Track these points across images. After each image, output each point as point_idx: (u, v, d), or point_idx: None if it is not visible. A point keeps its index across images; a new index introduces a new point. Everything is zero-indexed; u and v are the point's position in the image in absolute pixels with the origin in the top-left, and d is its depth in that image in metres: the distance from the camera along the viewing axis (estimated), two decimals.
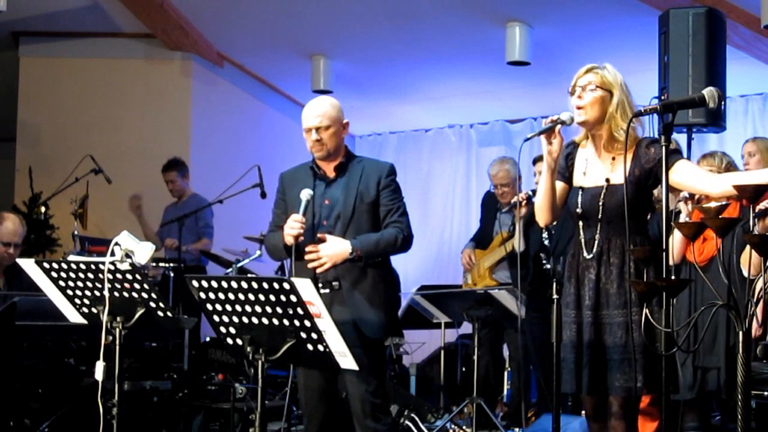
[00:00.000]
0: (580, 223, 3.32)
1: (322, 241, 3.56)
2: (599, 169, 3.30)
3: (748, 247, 3.28)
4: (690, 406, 4.38)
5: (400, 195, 3.73)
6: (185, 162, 7.20)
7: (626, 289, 3.16)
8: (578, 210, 3.31)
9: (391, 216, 3.65)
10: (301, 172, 3.78)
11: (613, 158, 3.29)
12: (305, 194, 3.55)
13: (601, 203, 3.25)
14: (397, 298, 3.83)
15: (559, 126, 3.26)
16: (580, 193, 3.32)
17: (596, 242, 3.26)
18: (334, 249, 3.53)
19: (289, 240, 3.53)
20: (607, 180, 3.26)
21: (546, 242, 5.25)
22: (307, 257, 3.55)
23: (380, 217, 3.66)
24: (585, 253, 3.28)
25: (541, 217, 3.38)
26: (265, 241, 3.88)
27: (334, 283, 3.60)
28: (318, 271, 3.54)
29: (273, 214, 3.84)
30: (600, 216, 3.25)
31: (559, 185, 3.38)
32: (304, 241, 3.56)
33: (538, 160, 5.32)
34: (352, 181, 3.66)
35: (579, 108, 3.29)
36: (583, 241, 3.31)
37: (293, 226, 3.52)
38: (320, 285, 3.59)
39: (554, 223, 3.93)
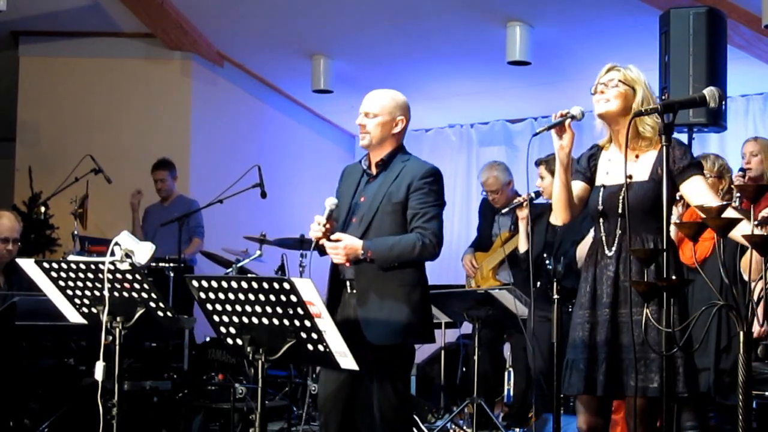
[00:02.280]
0: (601, 221, 3.29)
1: (338, 241, 3.48)
2: (621, 167, 3.21)
3: (747, 252, 3.26)
4: (687, 406, 4.38)
5: (434, 200, 3.53)
6: (183, 162, 7.21)
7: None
8: (599, 207, 3.28)
9: (416, 220, 3.50)
10: (357, 166, 3.73)
11: (636, 156, 3.27)
12: (329, 203, 3.49)
13: (621, 198, 3.21)
14: (423, 302, 3.58)
15: (569, 120, 3.22)
16: (602, 190, 3.30)
17: (616, 239, 3.24)
18: (350, 245, 3.44)
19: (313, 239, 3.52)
20: (630, 177, 3.20)
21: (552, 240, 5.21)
22: (327, 245, 3.47)
23: (407, 221, 3.53)
24: (606, 251, 3.25)
25: (558, 215, 3.34)
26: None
27: (354, 283, 3.54)
28: (334, 260, 3.48)
29: None
30: (620, 212, 3.21)
31: (581, 185, 3.36)
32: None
33: (540, 162, 5.30)
34: (387, 180, 3.56)
35: (600, 101, 3.26)
36: (603, 238, 3.28)
37: (314, 229, 3.48)
38: (348, 285, 3.56)
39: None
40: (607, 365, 3.17)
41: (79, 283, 3.43)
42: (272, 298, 2.87)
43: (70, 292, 3.50)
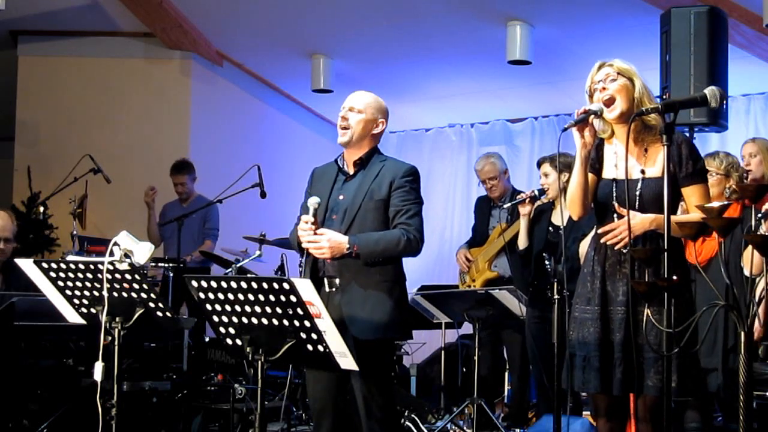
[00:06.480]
0: (615, 216, 3.24)
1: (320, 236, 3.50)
2: (632, 162, 3.22)
3: (749, 247, 3.26)
4: (692, 406, 4.37)
5: (415, 197, 3.60)
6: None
7: None
8: (613, 201, 3.24)
9: (399, 217, 3.56)
10: (329, 167, 3.77)
11: (645, 150, 3.25)
12: (312, 202, 3.51)
13: (637, 193, 3.20)
14: (403, 298, 3.65)
15: (592, 117, 3.21)
16: (615, 185, 3.26)
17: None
18: (334, 240, 3.47)
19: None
20: (643, 172, 3.20)
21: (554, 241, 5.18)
22: (307, 241, 3.47)
23: (390, 218, 3.58)
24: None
25: (574, 210, 3.31)
26: (290, 235, 3.81)
27: (336, 280, 3.56)
28: (317, 255, 3.49)
29: (300, 207, 3.78)
30: (636, 208, 3.18)
31: (590, 177, 3.31)
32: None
33: (542, 162, 5.30)
34: (367, 178, 3.62)
35: (608, 102, 3.22)
36: None
37: (304, 228, 3.48)
38: (327, 283, 3.57)
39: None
40: (625, 364, 3.13)
41: (78, 284, 3.42)
42: (272, 298, 2.86)
43: (69, 292, 3.49)
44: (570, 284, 3.63)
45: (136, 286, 3.33)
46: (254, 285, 2.87)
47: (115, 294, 3.37)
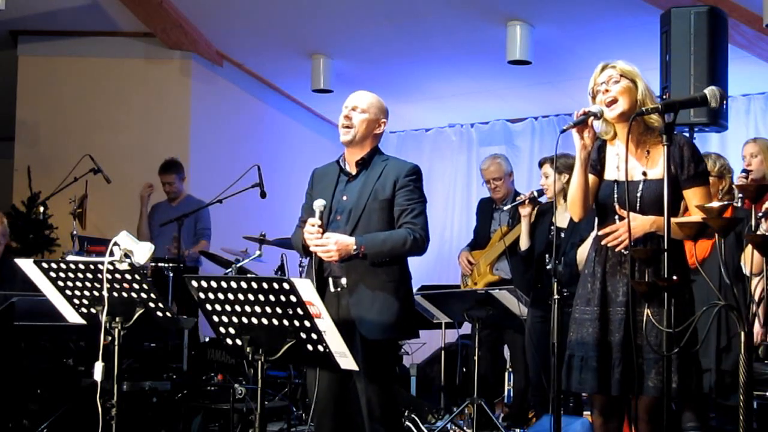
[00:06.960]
0: (616, 218, 3.24)
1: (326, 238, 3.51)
2: (633, 164, 3.23)
3: (749, 246, 3.26)
4: (689, 406, 4.37)
5: (419, 196, 3.62)
6: (183, 162, 7.20)
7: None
8: (615, 204, 3.24)
9: (405, 216, 3.57)
10: (330, 168, 3.76)
11: (647, 151, 3.25)
12: (318, 205, 3.51)
13: (638, 195, 3.20)
14: (409, 298, 3.67)
15: (591, 118, 3.20)
16: (616, 186, 3.26)
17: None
18: (341, 242, 3.47)
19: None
20: (644, 174, 3.20)
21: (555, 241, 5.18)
22: (314, 243, 3.47)
23: (395, 218, 3.59)
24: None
25: (575, 211, 3.32)
26: (292, 236, 3.83)
27: (342, 281, 3.56)
28: (324, 258, 3.49)
29: (301, 208, 3.80)
30: (637, 209, 3.18)
31: (591, 179, 3.32)
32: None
33: (544, 162, 5.30)
34: (370, 178, 3.62)
35: (610, 103, 3.22)
36: None
37: (311, 231, 3.48)
38: (332, 283, 3.57)
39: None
40: (624, 365, 3.13)
41: (78, 284, 3.42)
42: (272, 298, 2.86)
43: (69, 293, 3.49)
44: (569, 288, 3.64)
45: (136, 286, 3.33)
46: (254, 285, 2.87)
47: (115, 294, 3.37)
